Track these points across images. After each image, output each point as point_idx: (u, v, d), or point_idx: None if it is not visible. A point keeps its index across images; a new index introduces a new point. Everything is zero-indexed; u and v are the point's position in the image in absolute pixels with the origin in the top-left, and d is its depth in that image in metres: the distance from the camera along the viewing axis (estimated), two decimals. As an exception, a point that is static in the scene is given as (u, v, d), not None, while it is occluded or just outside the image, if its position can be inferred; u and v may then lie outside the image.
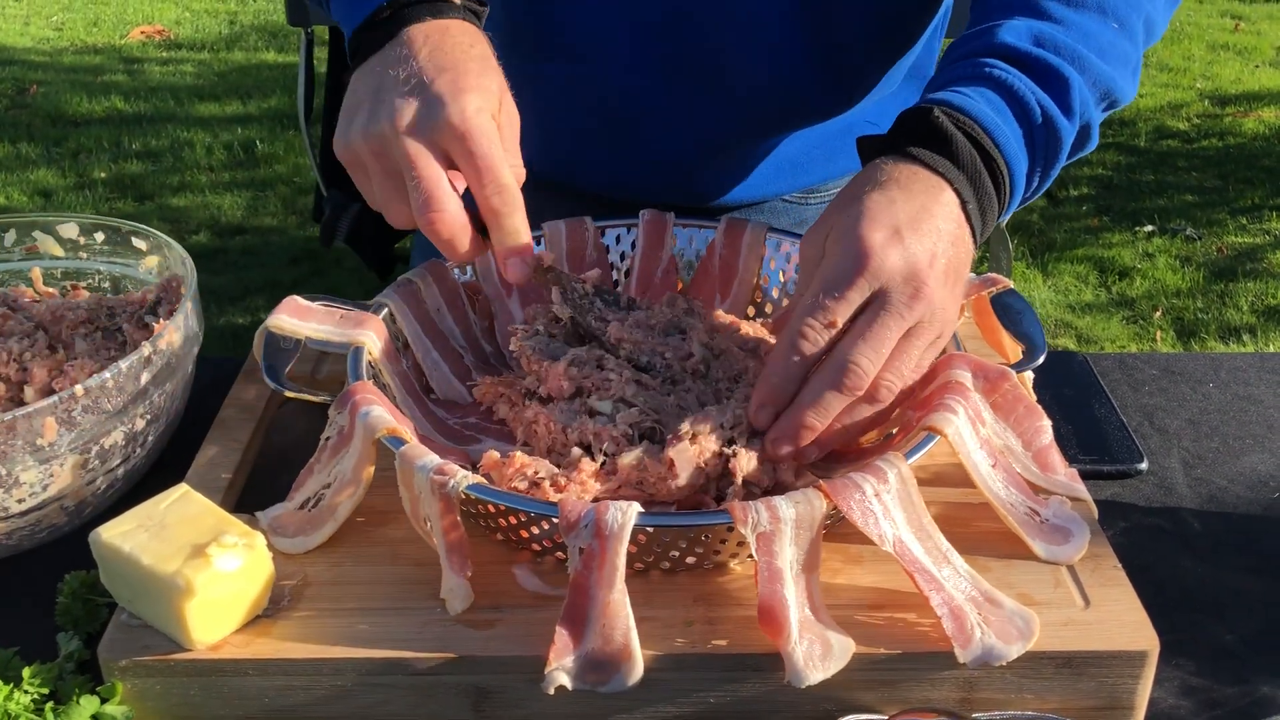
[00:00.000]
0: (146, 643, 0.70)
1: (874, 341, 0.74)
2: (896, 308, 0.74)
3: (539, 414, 0.81)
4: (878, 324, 0.74)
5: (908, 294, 0.74)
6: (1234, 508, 0.91)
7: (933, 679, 0.70)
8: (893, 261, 0.74)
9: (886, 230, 0.74)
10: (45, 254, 1.02)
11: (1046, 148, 0.84)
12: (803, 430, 0.76)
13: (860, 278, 0.74)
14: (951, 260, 0.77)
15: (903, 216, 0.75)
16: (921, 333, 0.76)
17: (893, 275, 0.74)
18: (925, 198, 0.77)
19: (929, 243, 0.75)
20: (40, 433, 0.76)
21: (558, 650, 0.67)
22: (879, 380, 0.75)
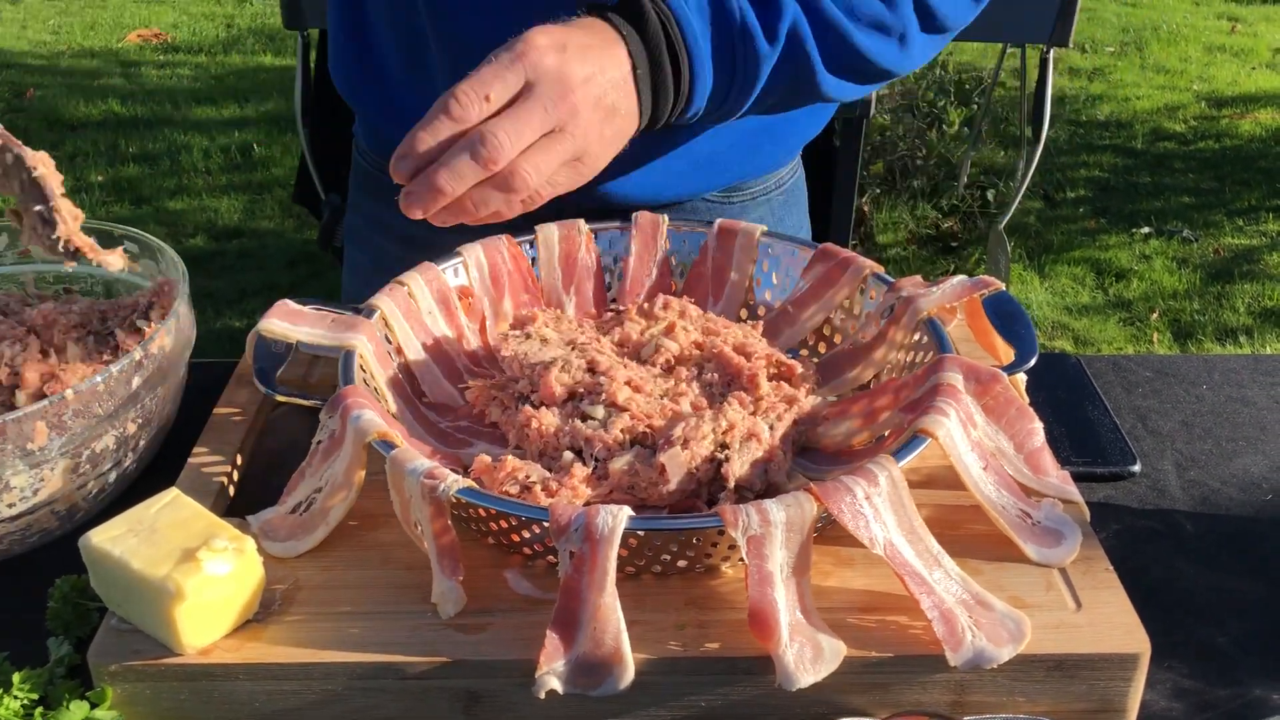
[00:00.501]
0: (137, 647, 0.70)
1: (515, 121, 0.78)
2: (541, 100, 0.79)
3: (531, 418, 0.81)
4: (522, 109, 0.79)
5: (555, 94, 0.79)
6: (1227, 510, 0.91)
7: (924, 682, 0.70)
8: (549, 61, 0.80)
9: (552, 40, 0.81)
10: (38, 258, 1.02)
11: (745, 62, 0.90)
12: (434, 192, 0.78)
13: (517, 63, 0.79)
14: (607, 98, 0.83)
15: (572, 41, 0.82)
16: (563, 140, 0.81)
17: (546, 72, 0.79)
18: (600, 41, 0.84)
19: (589, 68, 0.81)
20: (31, 437, 0.76)
21: (549, 654, 0.67)
22: (516, 166, 0.79)
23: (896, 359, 0.91)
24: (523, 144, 0.79)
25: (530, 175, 0.79)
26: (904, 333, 0.90)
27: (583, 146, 0.82)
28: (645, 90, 0.86)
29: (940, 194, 3.92)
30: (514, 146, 0.78)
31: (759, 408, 0.82)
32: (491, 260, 0.99)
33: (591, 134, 0.83)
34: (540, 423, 0.81)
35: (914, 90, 4.10)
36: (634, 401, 0.81)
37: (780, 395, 0.84)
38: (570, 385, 0.83)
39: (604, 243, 1.04)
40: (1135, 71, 5.37)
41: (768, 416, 0.81)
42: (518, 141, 0.78)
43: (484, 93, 0.78)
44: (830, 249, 0.99)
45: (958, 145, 3.99)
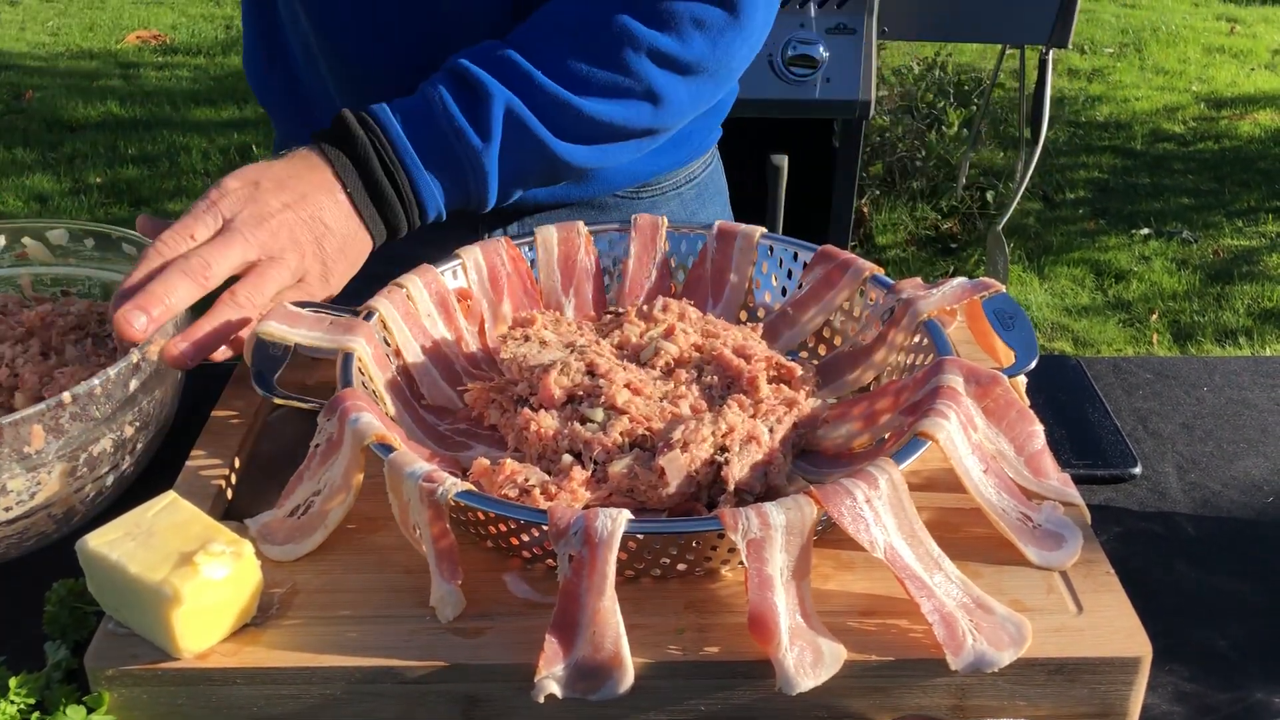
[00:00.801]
0: (134, 652, 0.69)
1: (218, 245, 0.85)
2: (239, 230, 0.86)
3: (530, 420, 0.81)
4: (223, 236, 0.86)
5: (251, 224, 0.86)
6: (1228, 512, 0.91)
7: (925, 686, 0.69)
8: (240, 200, 0.87)
9: (244, 180, 0.88)
10: (35, 260, 1.02)
11: (468, 159, 0.95)
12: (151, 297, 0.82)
13: (213, 208, 0.86)
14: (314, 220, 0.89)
15: (267, 176, 0.88)
16: (276, 266, 0.87)
17: (239, 211, 0.86)
18: (301, 170, 0.90)
19: (285, 197, 0.88)
20: (28, 440, 0.76)
21: (548, 658, 0.66)
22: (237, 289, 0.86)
23: (896, 361, 0.91)
24: (227, 264, 0.85)
25: (253, 294, 0.86)
26: (904, 335, 0.90)
27: (299, 268, 0.89)
28: (364, 206, 0.92)
29: (939, 195, 3.92)
30: (219, 265, 0.84)
31: (759, 410, 0.82)
32: (490, 262, 0.99)
33: (306, 256, 0.89)
34: (539, 425, 0.81)
35: (913, 91, 4.10)
36: (633, 404, 0.81)
37: (780, 398, 0.84)
38: (569, 388, 0.83)
39: (603, 244, 1.04)
40: (1134, 72, 5.37)
41: (767, 419, 0.81)
42: (221, 260, 0.84)
43: (188, 233, 0.85)
44: (830, 251, 0.98)
45: (957, 146, 3.99)
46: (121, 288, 0.84)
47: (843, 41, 2.28)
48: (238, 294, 0.86)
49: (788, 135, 2.46)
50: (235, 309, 0.86)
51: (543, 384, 0.83)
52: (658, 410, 0.81)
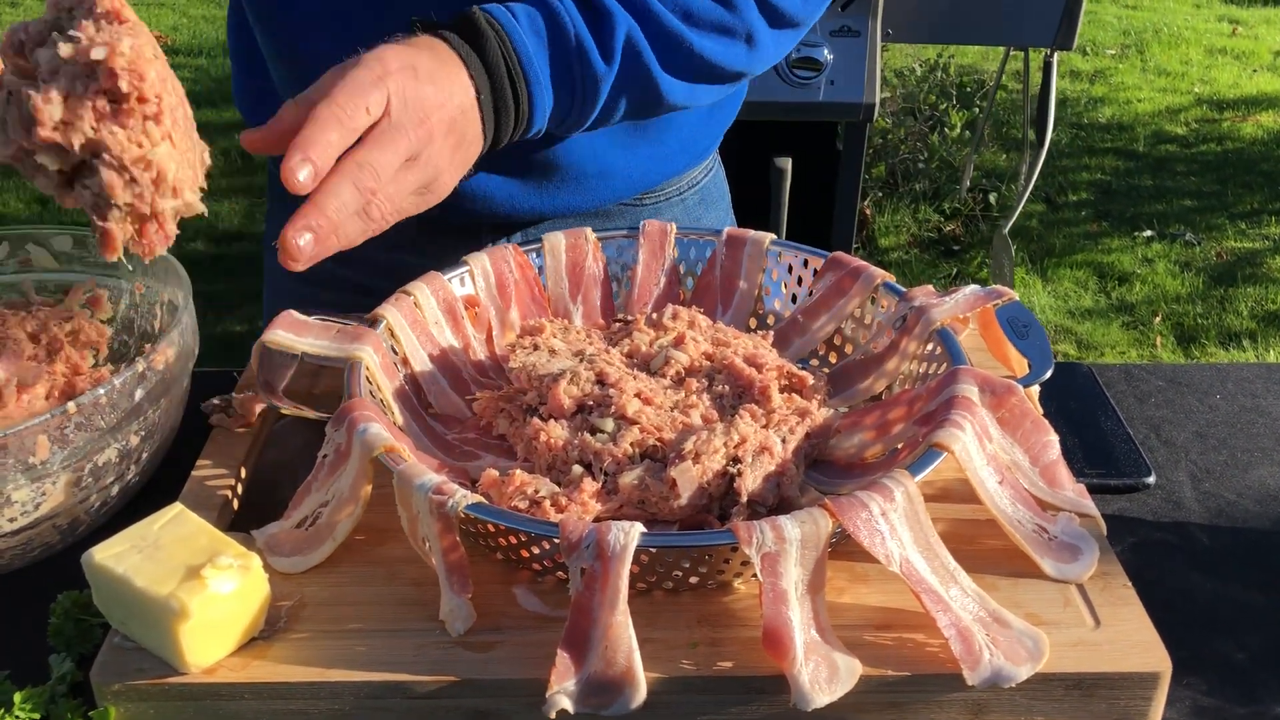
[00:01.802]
0: (140, 666, 0.69)
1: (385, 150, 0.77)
2: (405, 127, 0.78)
3: (539, 430, 0.80)
4: (388, 136, 0.78)
5: (414, 120, 0.79)
6: (1243, 522, 0.90)
7: (941, 701, 0.68)
8: (409, 86, 0.79)
9: (404, 61, 0.80)
10: (38, 266, 1.01)
11: (583, 81, 0.91)
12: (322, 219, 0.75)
13: (381, 84, 0.77)
14: (456, 124, 0.82)
15: (421, 64, 0.81)
16: (415, 169, 0.80)
17: (406, 98, 0.79)
18: (444, 65, 0.82)
19: (441, 94, 0.81)
20: (32, 450, 0.75)
21: (559, 673, 0.66)
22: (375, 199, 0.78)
23: (909, 370, 0.90)
24: (392, 170, 0.78)
25: (385, 205, 0.79)
26: (916, 343, 0.89)
27: (433, 174, 0.82)
28: (488, 114, 0.86)
29: (942, 197, 3.91)
30: (386, 173, 0.78)
31: (770, 421, 0.81)
32: (498, 269, 0.98)
33: (442, 162, 0.83)
34: (549, 435, 0.80)
35: (916, 93, 4.09)
36: (644, 414, 0.80)
37: (792, 408, 0.83)
38: (579, 397, 0.82)
39: (611, 251, 1.03)
40: (1136, 74, 5.36)
41: (780, 430, 0.80)
42: (388, 168, 0.78)
43: (363, 104, 0.77)
44: (841, 258, 0.98)
45: (960, 148, 3.98)
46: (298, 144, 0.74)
47: (847, 44, 2.28)
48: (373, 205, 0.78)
49: (791, 138, 2.45)
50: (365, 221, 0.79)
51: (552, 393, 0.82)
52: (669, 420, 0.80)
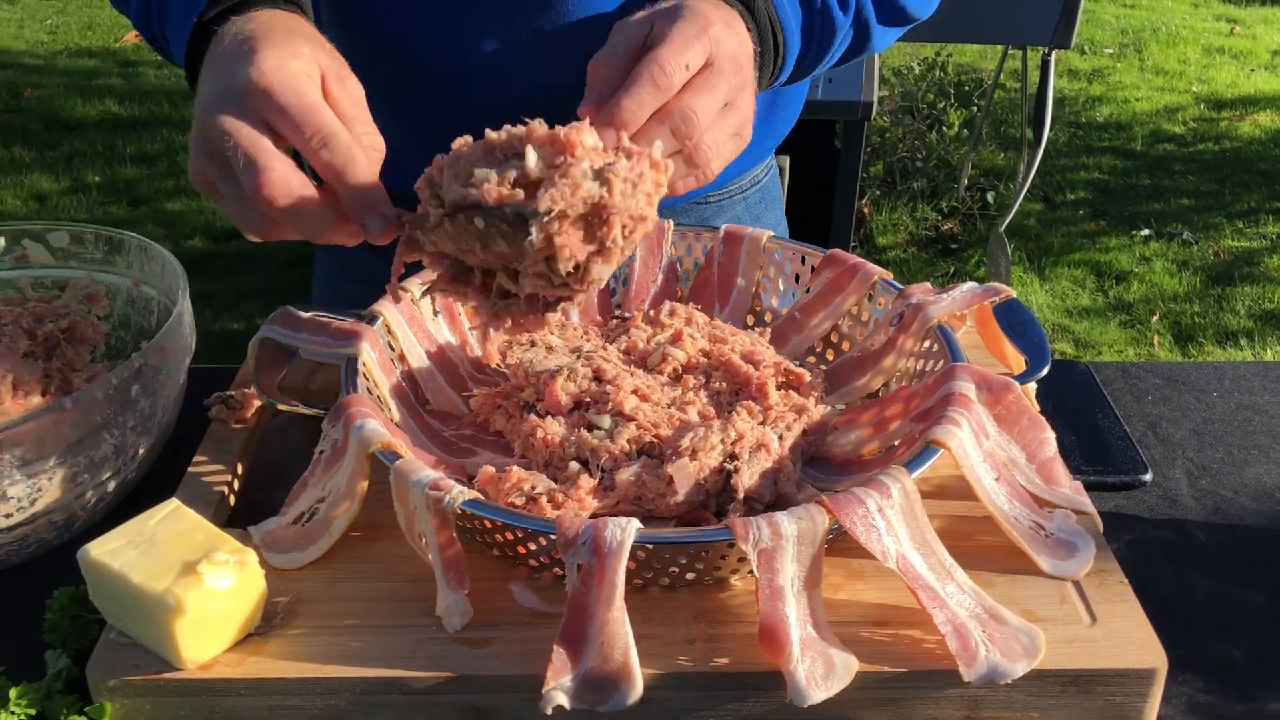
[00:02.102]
0: (136, 662, 0.69)
1: (706, 97, 0.79)
2: (725, 76, 0.80)
3: (536, 427, 0.80)
4: (709, 84, 0.79)
5: (731, 69, 0.81)
6: (1239, 519, 0.90)
7: (937, 697, 0.68)
8: (725, 37, 0.81)
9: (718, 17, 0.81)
10: (35, 263, 1.01)
11: (822, 34, 0.97)
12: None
13: (703, 36, 0.79)
14: (749, 72, 0.84)
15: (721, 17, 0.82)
16: (731, 113, 0.81)
17: (723, 50, 0.80)
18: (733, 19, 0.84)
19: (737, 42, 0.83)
20: (29, 446, 0.75)
21: (555, 669, 0.65)
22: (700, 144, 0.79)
23: (906, 367, 0.90)
24: (711, 118, 0.79)
25: (711, 150, 0.80)
26: (914, 340, 0.89)
27: (745, 119, 0.83)
28: (756, 65, 0.87)
29: (940, 196, 3.91)
30: (704, 124, 0.78)
31: (768, 418, 0.81)
32: (495, 266, 0.98)
33: (748, 106, 0.83)
34: (546, 432, 0.80)
35: (914, 92, 4.09)
36: (641, 411, 0.80)
37: (789, 405, 0.83)
38: (576, 394, 0.82)
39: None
40: (1134, 73, 5.37)
41: (777, 426, 0.80)
42: (706, 119, 0.78)
43: (683, 63, 0.78)
44: (838, 255, 0.98)
45: (958, 147, 3.98)
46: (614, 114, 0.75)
47: (845, 42, 2.27)
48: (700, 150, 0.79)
49: (789, 136, 2.45)
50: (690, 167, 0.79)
51: (549, 390, 0.82)
52: (666, 417, 0.80)
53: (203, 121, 0.75)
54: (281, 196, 0.71)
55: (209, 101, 0.75)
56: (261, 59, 0.74)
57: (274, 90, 0.72)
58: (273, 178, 0.71)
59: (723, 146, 0.81)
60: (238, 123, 0.73)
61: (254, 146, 0.72)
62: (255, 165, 0.71)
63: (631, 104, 0.76)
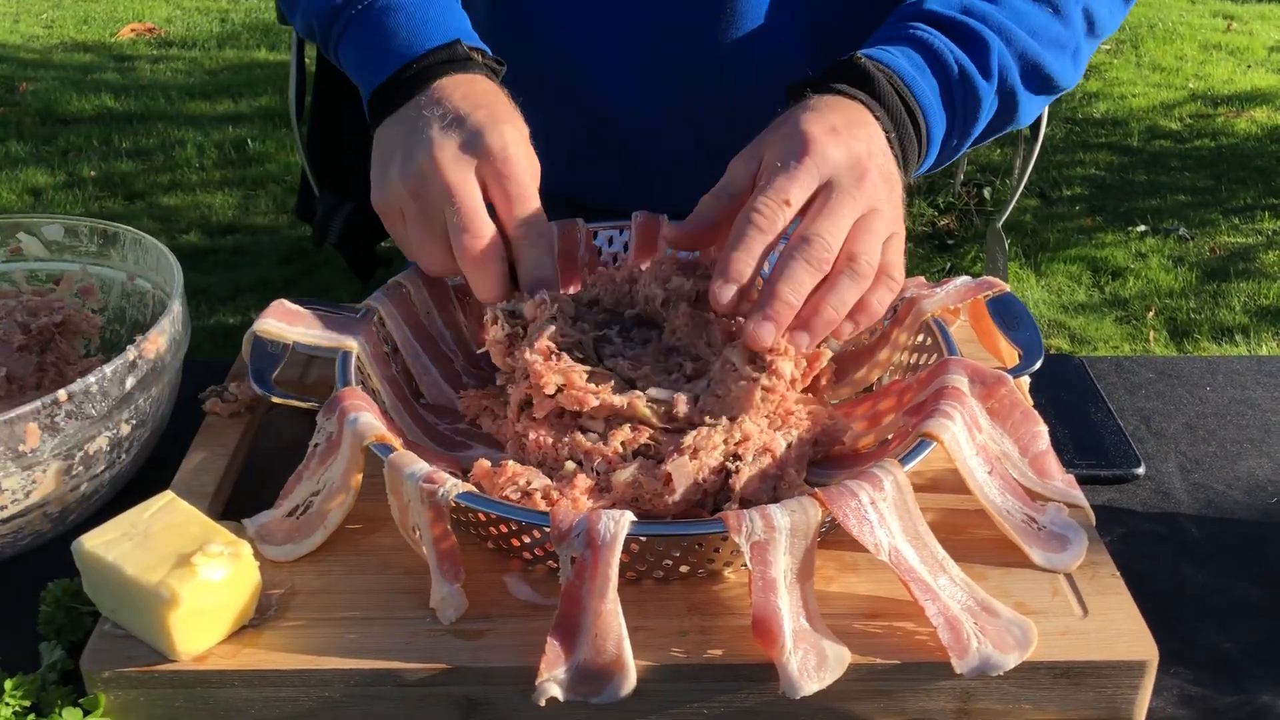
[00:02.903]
0: (130, 654, 0.69)
1: (831, 216, 0.76)
2: (847, 189, 0.77)
3: (529, 428, 0.80)
4: (832, 202, 0.77)
5: (854, 178, 0.78)
6: (1232, 513, 0.91)
7: (929, 689, 0.69)
8: (835, 151, 0.78)
9: (825, 127, 0.79)
10: (30, 256, 1.01)
11: (965, 104, 0.92)
12: (783, 306, 0.75)
13: (807, 160, 0.77)
14: (886, 167, 0.81)
15: (838, 120, 0.80)
16: (876, 220, 0.78)
17: (837, 163, 0.78)
18: (855, 114, 0.82)
19: (864, 142, 0.80)
20: (23, 438, 0.75)
21: (549, 661, 0.66)
22: (853, 251, 0.77)
23: (899, 360, 0.90)
24: (843, 234, 0.76)
25: (871, 257, 0.77)
26: (907, 334, 0.89)
27: (893, 224, 0.80)
28: (897, 148, 0.85)
29: (937, 191, 3.91)
30: (838, 241, 0.76)
31: (786, 422, 0.80)
32: (490, 259, 0.98)
33: (893, 208, 0.81)
34: (539, 434, 0.79)
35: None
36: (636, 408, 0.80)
37: (806, 409, 0.82)
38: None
39: (601, 241, 1.03)
40: (1131, 69, 5.37)
41: (788, 433, 0.79)
42: (838, 234, 0.76)
43: (783, 199, 0.76)
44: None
45: (954, 143, 3.98)
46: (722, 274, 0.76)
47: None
48: (858, 259, 0.76)
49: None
50: (857, 280, 0.77)
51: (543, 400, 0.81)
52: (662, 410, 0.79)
53: (420, 165, 0.82)
54: (480, 258, 0.82)
55: (435, 147, 0.82)
56: (505, 130, 0.82)
57: (510, 164, 0.82)
58: (482, 244, 0.81)
59: (876, 247, 0.77)
60: (466, 181, 0.81)
61: (475, 210, 0.81)
62: (472, 226, 0.81)
63: (740, 254, 0.76)
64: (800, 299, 0.76)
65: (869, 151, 0.80)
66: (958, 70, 0.91)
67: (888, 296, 0.80)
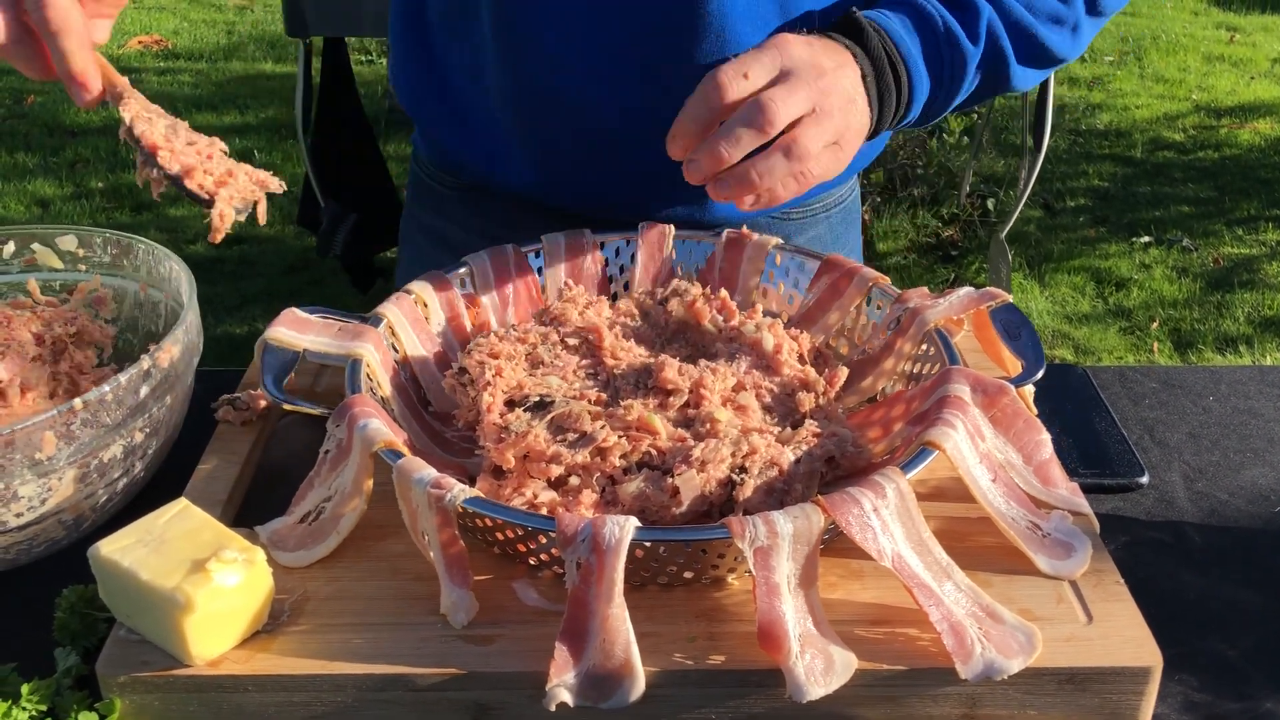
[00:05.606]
0: (145, 658, 0.70)
1: (784, 89, 0.81)
2: (805, 78, 0.83)
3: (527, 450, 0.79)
4: (789, 83, 0.82)
5: (812, 74, 0.83)
6: (1235, 522, 0.91)
7: (935, 695, 0.69)
8: (801, 51, 0.84)
9: (800, 40, 0.86)
10: (44, 266, 1.02)
11: (952, 64, 0.96)
12: (713, 157, 0.81)
13: (772, 49, 0.83)
14: (848, 90, 0.86)
15: (816, 45, 0.86)
16: (825, 119, 0.83)
17: (799, 59, 0.84)
18: (833, 50, 0.88)
19: (833, 62, 0.86)
20: (39, 446, 0.76)
21: (558, 666, 0.66)
22: (797, 136, 0.82)
23: (903, 370, 0.91)
24: (793, 112, 0.81)
25: (809, 145, 0.82)
26: (911, 344, 0.90)
27: (841, 129, 0.85)
28: (873, 95, 0.90)
29: (941, 202, 3.92)
30: (784, 113, 0.81)
31: (796, 436, 0.80)
32: (497, 269, 0.99)
33: (846, 119, 0.86)
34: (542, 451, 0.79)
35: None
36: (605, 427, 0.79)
37: (821, 421, 0.82)
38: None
39: (609, 252, 1.04)
40: (1134, 81, 5.38)
41: (797, 448, 0.79)
42: (787, 108, 0.81)
43: (742, 71, 0.82)
44: (836, 259, 0.99)
45: (958, 154, 3.99)
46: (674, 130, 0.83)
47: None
48: (798, 141, 0.82)
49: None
50: (789, 160, 0.82)
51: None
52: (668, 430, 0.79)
53: None
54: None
55: None
56: None
57: None
58: None
59: (819, 142, 0.83)
60: None
61: None
62: None
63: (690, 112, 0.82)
64: (732, 154, 0.81)
65: (836, 67, 0.85)
66: (944, 30, 0.95)
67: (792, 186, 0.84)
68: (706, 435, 0.79)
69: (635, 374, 0.86)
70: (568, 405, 0.80)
